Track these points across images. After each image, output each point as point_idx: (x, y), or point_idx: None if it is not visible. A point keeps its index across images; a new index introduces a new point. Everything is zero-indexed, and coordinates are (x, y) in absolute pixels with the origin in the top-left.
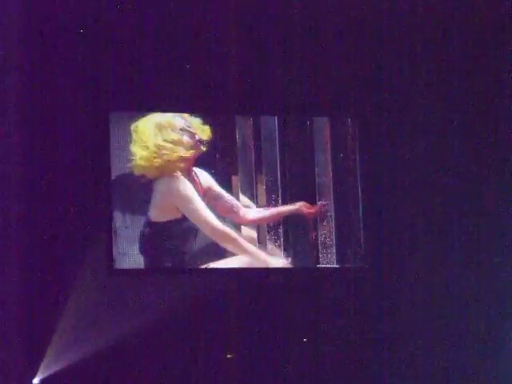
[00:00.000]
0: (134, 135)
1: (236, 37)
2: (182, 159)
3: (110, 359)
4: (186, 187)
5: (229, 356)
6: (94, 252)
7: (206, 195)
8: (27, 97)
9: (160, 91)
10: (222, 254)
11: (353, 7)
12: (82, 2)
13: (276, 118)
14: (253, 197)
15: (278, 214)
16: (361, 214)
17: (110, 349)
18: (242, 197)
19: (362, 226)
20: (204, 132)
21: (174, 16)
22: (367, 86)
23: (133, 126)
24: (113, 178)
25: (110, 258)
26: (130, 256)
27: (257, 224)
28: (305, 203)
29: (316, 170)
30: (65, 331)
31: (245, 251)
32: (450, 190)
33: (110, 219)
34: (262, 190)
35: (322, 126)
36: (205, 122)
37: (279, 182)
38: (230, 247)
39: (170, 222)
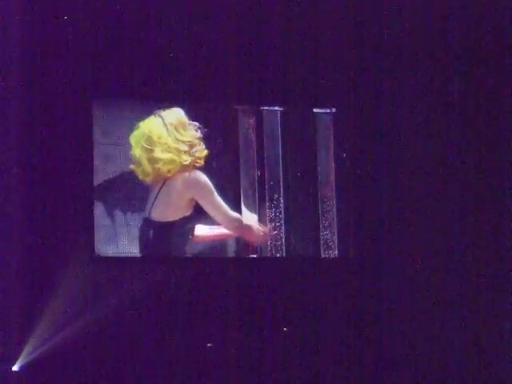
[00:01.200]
0: (143, 141)
1: (237, 25)
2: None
3: (91, 347)
4: (207, 179)
5: (209, 345)
6: (76, 239)
7: None
8: (8, 85)
9: (156, 81)
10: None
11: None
12: None
13: (278, 113)
14: (254, 195)
15: (222, 235)
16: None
17: (91, 336)
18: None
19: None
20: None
21: (168, 1)
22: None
23: (136, 133)
24: (114, 175)
25: (92, 246)
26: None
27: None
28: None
29: (318, 168)
30: (46, 319)
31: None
32: (437, 183)
33: (91, 206)
34: (263, 188)
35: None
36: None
37: (281, 180)
38: (246, 235)
39: (172, 222)
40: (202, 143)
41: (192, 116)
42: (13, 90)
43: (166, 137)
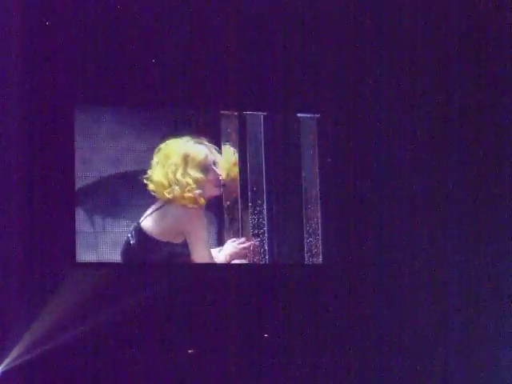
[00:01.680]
0: (159, 153)
1: (220, 29)
2: (196, 199)
3: (72, 352)
4: (203, 223)
5: (190, 351)
6: (57, 245)
7: None
8: None
9: (138, 85)
10: None
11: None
12: None
13: (262, 117)
14: (237, 202)
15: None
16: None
17: (72, 341)
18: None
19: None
20: (231, 170)
21: (150, 4)
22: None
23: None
24: (96, 179)
25: (73, 251)
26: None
27: None
28: (233, 241)
29: (302, 173)
30: (27, 325)
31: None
32: (424, 188)
33: (73, 212)
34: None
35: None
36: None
37: (264, 186)
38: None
39: (157, 241)
40: (199, 189)
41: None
42: None
43: (172, 163)
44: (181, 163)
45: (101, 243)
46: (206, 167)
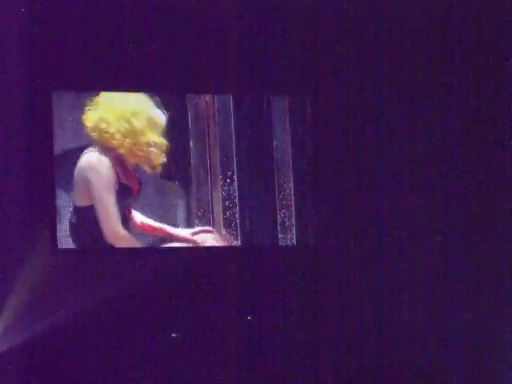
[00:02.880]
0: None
1: (190, 9)
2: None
3: (53, 341)
4: (108, 171)
5: (173, 335)
6: (37, 232)
7: None
8: None
9: (106, 69)
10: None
11: None
12: None
13: (231, 97)
14: (206, 173)
15: (167, 233)
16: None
17: (52, 331)
18: None
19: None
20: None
21: None
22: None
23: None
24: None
25: (54, 238)
26: None
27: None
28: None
29: (274, 143)
30: (9, 312)
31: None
32: (402, 164)
33: (53, 198)
34: (216, 167)
35: (282, 106)
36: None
37: (234, 159)
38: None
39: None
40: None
41: None
42: None
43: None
44: (146, 125)
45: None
46: (162, 133)
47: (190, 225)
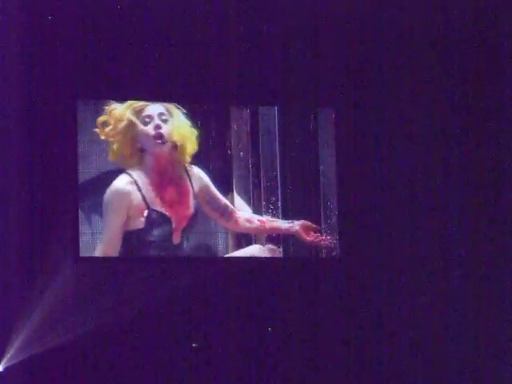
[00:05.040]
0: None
1: (228, 23)
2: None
3: (75, 349)
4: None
5: (194, 345)
6: (60, 240)
7: (198, 197)
8: None
9: (144, 78)
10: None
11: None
12: None
13: (276, 108)
14: (249, 199)
15: (272, 230)
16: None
17: (75, 339)
18: (237, 199)
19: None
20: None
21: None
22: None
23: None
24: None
25: (76, 246)
26: None
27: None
28: (305, 222)
29: (320, 168)
30: (32, 321)
31: None
32: (436, 185)
33: (76, 206)
34: (258, 190)
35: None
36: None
37: (279, 183)
38: None
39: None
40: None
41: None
42: None
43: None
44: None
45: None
46: (144, 116)
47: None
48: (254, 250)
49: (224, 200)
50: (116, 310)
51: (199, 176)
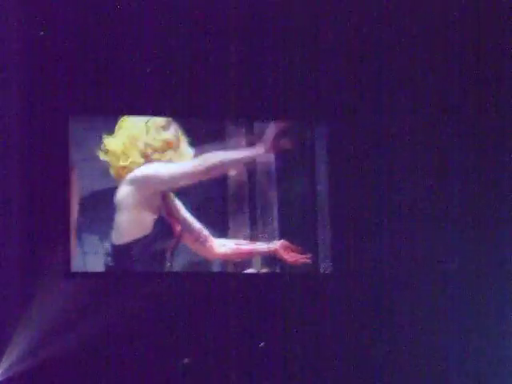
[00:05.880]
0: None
1: (225, 36)
2: None
3: (67, 364)
4: None
5: (185, 361)
6: (51, 254)
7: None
8: None
9: (138, 93)
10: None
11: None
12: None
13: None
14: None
15: (250, 254)
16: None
17: (66, 353)
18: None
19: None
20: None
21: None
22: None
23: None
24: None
25: (67, 261)
26: None
27: (223, 259)
28: (284, 242)
29: (318, 187)
30: (23, 334)
31: None
32: (434, 197)
33: (68, 220)
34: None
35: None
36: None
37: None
38: None
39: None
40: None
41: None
42: None
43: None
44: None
45: (90, 266)
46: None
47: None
48: None
49: (198, 224)
50: (108, 325)
51: (173, 197)
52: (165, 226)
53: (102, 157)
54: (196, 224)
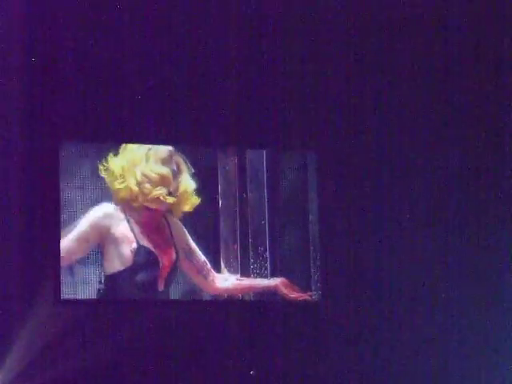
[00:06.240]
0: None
1: (217, 64)
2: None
3: None
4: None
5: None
6: (41, 281)
7: (177, 247)
8: None
9: (127, 121)
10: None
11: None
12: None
13: (264, 154)
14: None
15: (251, 288)
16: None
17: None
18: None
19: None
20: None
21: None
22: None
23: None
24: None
25: (58, 288)
26: None
27: (224, 294)
28: (284, 280)
29: (310, 217)
30: (10, 362)
31: None
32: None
33: (58, 248)
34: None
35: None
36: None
37: (267, 233)
38: None
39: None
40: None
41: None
42: None
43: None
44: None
45: (80, 296)
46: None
47: None
48: None
49: (203, 256)
50: (97, 353)
51: (179, 225)
52: (148, 255)
53: (103, 174)
54: (201, 256)
